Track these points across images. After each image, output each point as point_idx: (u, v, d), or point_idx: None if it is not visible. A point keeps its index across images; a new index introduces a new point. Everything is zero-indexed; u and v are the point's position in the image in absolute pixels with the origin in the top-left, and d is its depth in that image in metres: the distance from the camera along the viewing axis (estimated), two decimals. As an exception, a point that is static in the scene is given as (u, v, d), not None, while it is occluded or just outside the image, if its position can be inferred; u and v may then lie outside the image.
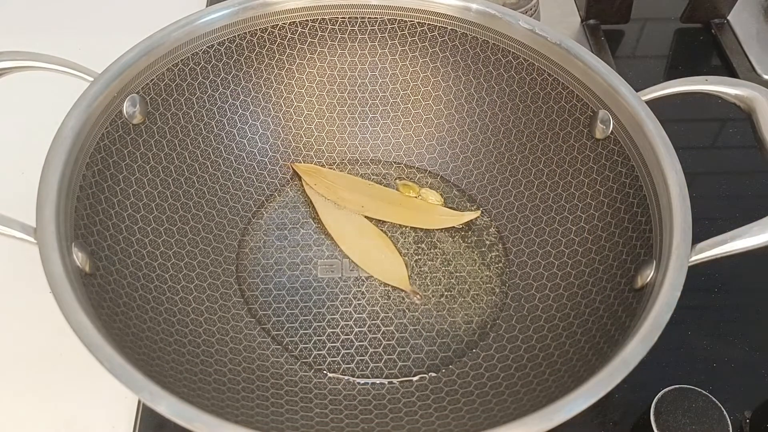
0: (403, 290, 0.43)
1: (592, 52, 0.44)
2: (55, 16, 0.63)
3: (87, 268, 0.33)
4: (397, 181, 0.48)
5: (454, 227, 0.46)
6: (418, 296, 0.42)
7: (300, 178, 0.48)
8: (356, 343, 0.40)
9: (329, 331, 0.41)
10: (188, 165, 0.44)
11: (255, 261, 0.44)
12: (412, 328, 0.41)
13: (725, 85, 0.36)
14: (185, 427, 0.27)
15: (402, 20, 0.45)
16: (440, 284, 0.43)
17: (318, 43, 0.46)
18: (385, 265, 0.44)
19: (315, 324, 0.41)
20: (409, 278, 0.43)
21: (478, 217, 0.46)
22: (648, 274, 0.34)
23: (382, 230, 0.45)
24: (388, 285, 0.43)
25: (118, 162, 0.39)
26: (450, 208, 0.47)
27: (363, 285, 0.43)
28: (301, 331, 0.40)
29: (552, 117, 0.44)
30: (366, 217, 0.46)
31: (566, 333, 0.38)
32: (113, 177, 0.38)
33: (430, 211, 0.46)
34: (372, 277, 0.43)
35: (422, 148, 0.49)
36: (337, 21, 0.46)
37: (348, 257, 0.44)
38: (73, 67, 0.38)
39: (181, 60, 0.42)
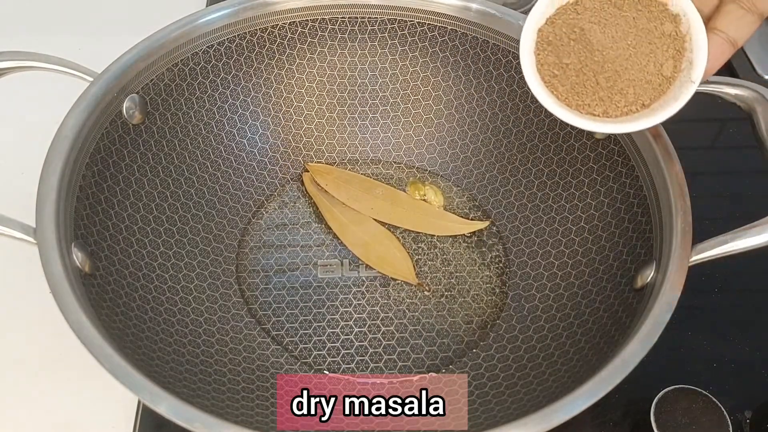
0: (410, 284, 0.43)
1: (592, 52, 0.44)
2: (55, 16, 0.63)
3: (87, 268, 0.33)
4: (408, 179, 0.48)
5: (454, 227, 0.46)
6: (426, 289, 0.42)
7: (300, 178, 0.48)
8: (356, 344, 0.40)
9: (329, 331, 0.41)
10: (188, 165, 0.44)
11: (255, 261, 0.44)
12: (412, 328, 0.41)
13: (725, 85, 0.36)
14: (185, 428, 0.27)
15: (402, 20, 0.45)
16: (440, 284, 0.43)
17: (318, 43, 0.46)
18: (389, 259, 0.44)
19: (315, 324, 0.41)
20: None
21: (486, 227, 0.45)
22: (648, 274, 0.34)
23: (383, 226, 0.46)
24: (388, 286, 0.43)
25: (118, 162, 0.39)
26: (449, 208, 0.47)
27: (363, 285, 0.43)
28: (301, 332, 0.40)
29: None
30: (373, 219, 0.46)
31: (566, 333, 0.38)
32: (113, 177, 0.38)
33: (439, 216, 0.46)
34: (372, 277, 0.43)
35: (422, 148, 0.49)
36: (337, 21, 0.46)
37: (353, 253, 0.44)
38: (73, 67, 0.38)
39: (181, 60, 0.42)
